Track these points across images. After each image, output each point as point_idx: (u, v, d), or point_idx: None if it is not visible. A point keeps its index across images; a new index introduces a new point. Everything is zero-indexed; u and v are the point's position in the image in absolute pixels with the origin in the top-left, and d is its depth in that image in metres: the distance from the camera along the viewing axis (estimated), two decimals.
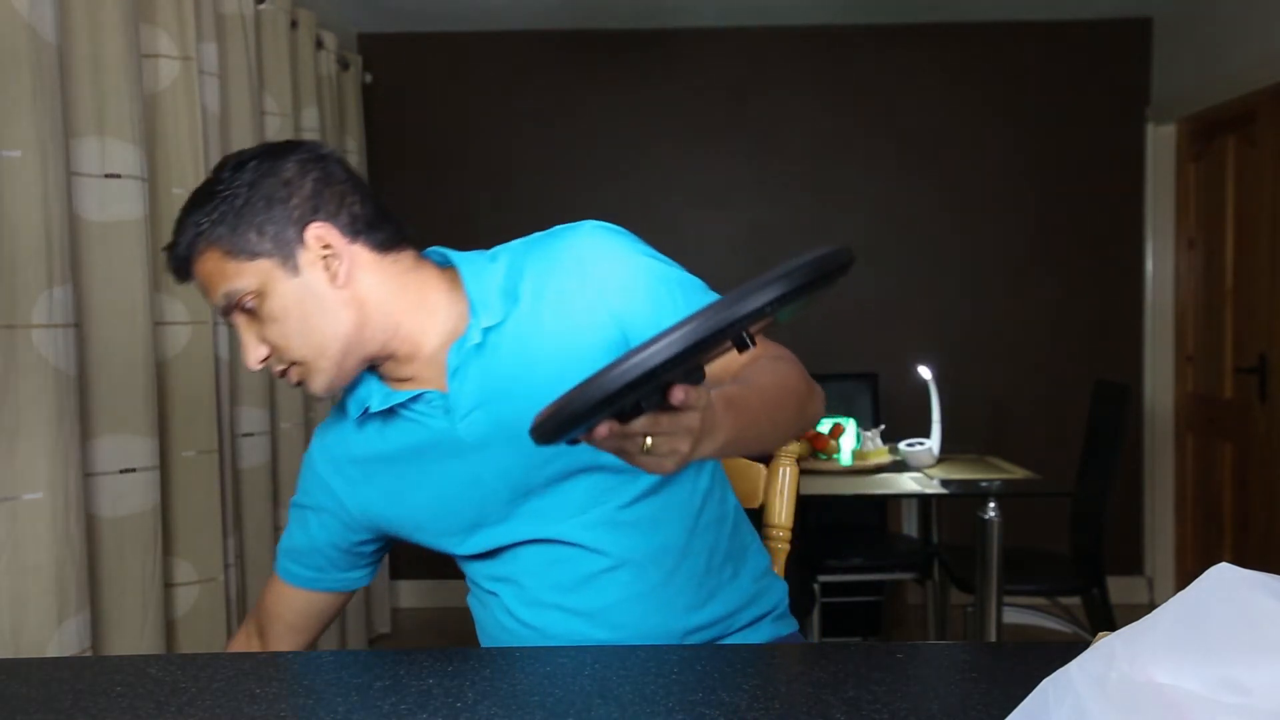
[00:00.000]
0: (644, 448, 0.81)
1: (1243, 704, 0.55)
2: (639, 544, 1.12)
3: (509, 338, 1.07)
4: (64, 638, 1.71)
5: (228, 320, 1.09)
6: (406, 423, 1.12)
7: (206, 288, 1.07)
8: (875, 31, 4.04)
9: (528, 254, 1.11)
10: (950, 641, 2.25)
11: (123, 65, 1.94)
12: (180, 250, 1.06)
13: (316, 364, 1.06)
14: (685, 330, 0.68)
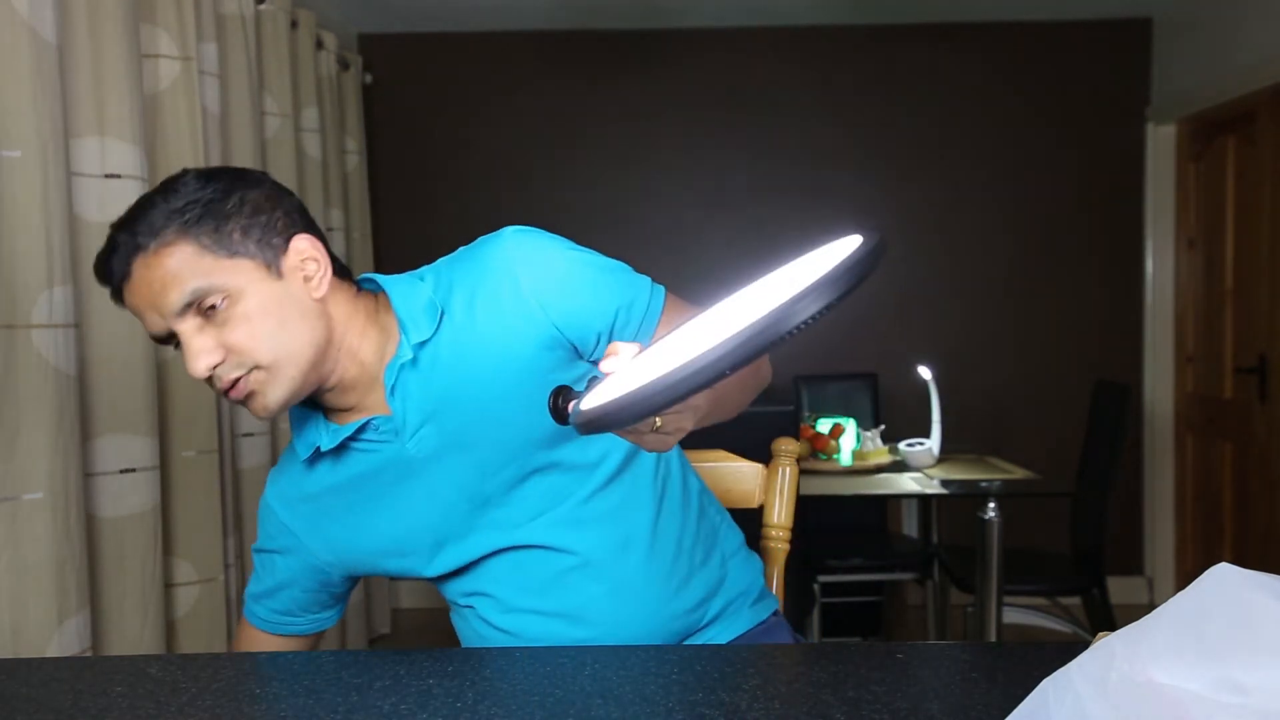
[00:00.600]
0: (655, 426, 0.82)
1: (1242, 704, 0.55)
2: (604, 538, 1.12)
3: (444, 350, 1.07)
4: (64, 638, 1.71)
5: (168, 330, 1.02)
6: (357, 454, 1.12)
7: (165, 283, 1.00)
8: (875, 31, 4.04)
9: (453, 268, 1.11)
10: (950, 641, 2.25)
11: (123, 65, 1.94)
12: (142, 237, 1.00)
13: (284, 371, 1.04)
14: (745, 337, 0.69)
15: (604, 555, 1.12)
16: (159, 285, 1.00)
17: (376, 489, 1.12)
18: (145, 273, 1.01)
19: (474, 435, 1.08)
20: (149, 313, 1.02)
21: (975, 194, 4.05)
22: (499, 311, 1.06)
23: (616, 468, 1.12)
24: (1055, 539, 3.34)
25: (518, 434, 1.07)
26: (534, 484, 1.10)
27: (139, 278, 1.02)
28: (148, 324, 1.04)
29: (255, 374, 1.03)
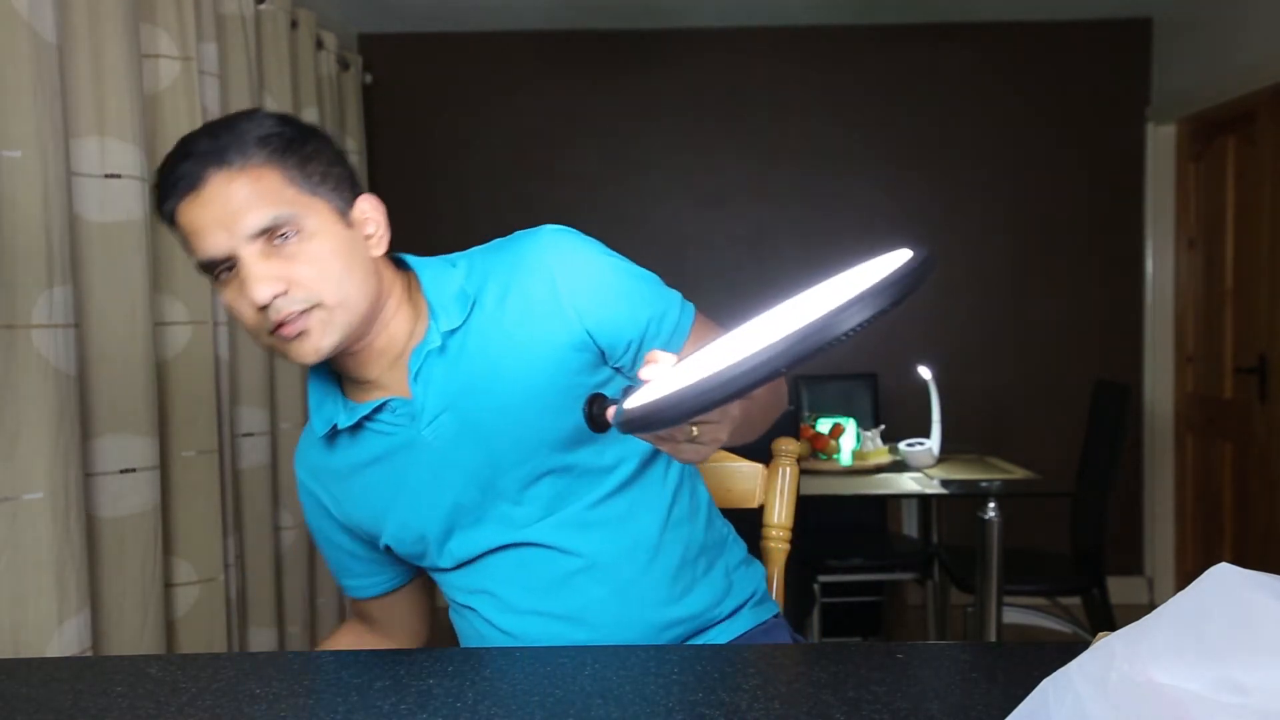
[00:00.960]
0: (692, 435, 0.83)
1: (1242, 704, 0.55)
2: (610, 542, 1.12)
3: (472, 341, 1.08)
4: (64, 638, 1.71)
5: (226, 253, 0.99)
6: (373, 434, 1.12)
7: (247, 204, 0.98)
8: (875, 31, 4.04)
9: (488, 258, 1.12)
10: (950, 641, 2.25)
11: (123, 65, 1.94)
12: (230, 154, 0.99)
13: (341, 315, 1.03)
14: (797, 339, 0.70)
15: (609, 559, 1.12)
16: (238, 204, 0.99)
17: (390, 471, 1.12)
18: (223, 189, 0.99)
19: (492, 429, 1.08)
20: (214, 230, 0.99)
21: (975, 194, 4.05)
22: (531, 309, 1.07)
23: (629, 475, 1.13)
24: (1055, 539, 3.34)
25: (536, 432, 1.08)
26: (546, 484, 1.10)
27: (214, 192, 0.99)
28: (206, 243, 0.99)
29: (315, 312, 1.02)
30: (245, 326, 1.04)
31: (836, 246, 4.02)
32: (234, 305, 1.03)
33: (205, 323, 2.29)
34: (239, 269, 1.00)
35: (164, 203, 1.02)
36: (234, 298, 1.02)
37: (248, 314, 1.02)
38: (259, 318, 1.01)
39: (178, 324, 2.24)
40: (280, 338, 1.02)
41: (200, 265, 1.02)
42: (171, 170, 1.01)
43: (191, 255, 1.03)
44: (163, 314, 2.20)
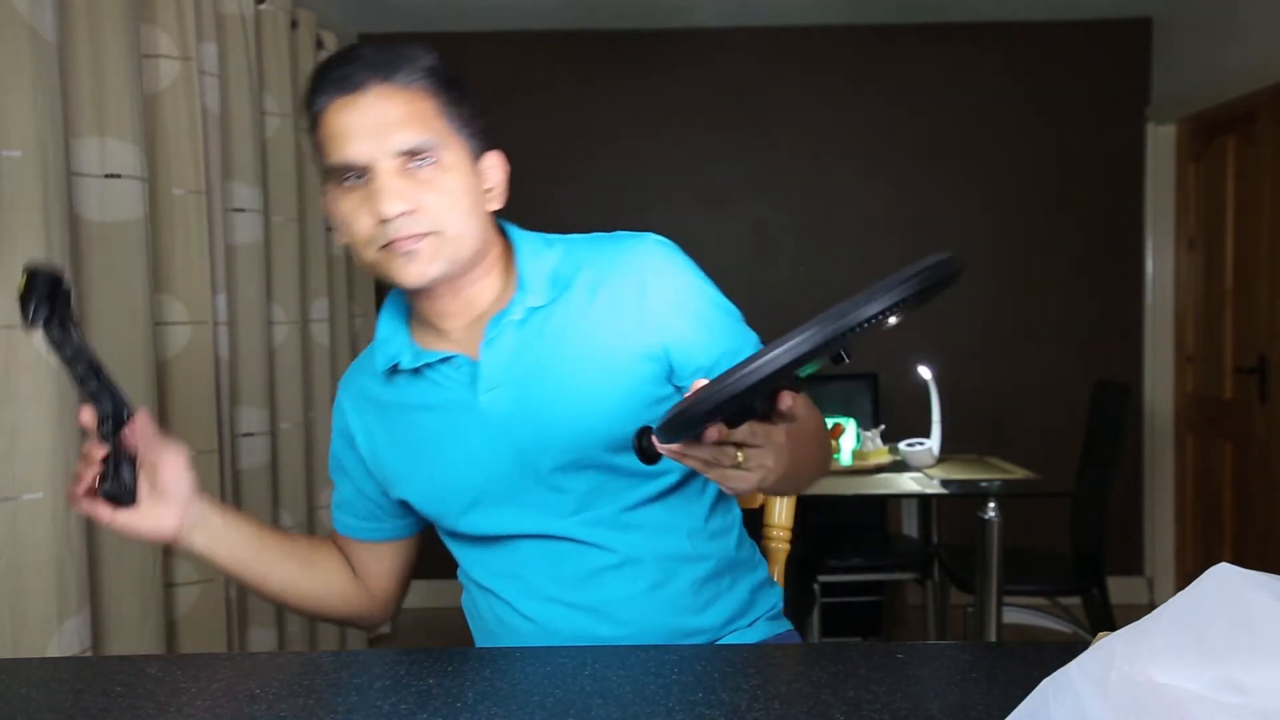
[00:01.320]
0: (736, 460, 0.84)
1: (1242, 704, 0.55)
2: (643, 544, 1.13)
3: (552, 323, 1.10)
4: (64, 638, 1.71)
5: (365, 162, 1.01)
6: (430, 383, 1.13)
7: (401, 120, 1.01)
8: (875, 31, 4.04)
9: (586, 249, 1.14)
10: (950, 641, 2.25)
11: (123, 65, 1.94)
12: (399, 70, 1.02)
13: (454, 249, 1.05)
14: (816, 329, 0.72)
15: (641, 559, 1.13)
16: (393, 119, 1.02)
17: (435, 424, 1.13)
18: (383, 101, 1.02)
19: (548, 413, 1.09)
20: (361, 137, 1.01)
21: (975, 193, 4.05)
22: (619, 309, 1.09)
23: (669, 486, 1.14)
24: (1055, 539, 3.34)
25: (591, 427, 1.08)
26: (586, 477, 1.11)
27: (374, 102, 1.02)
28: (350, 147, 1.02)
29: (431, 239, 1.04)
30: (355, 237, 1.05)
31: (836, 246, 4.02)
32: (350, 213, 1.04)
33: (205, 323, 2.29)
34: (372, 180, 1.02)
35: (316, 98, 1.04)
36: (353, 207, 1.04)
37: (364, 224, 1.03)
38: (375, 230, 1.03)
39: (178, 324, 2.24)
40: (392, 251, 1.03)
41: (329, 168, 1.04)
42: (332, 69, 1.03)
43: (323, 157, 1.05)
44: (163, 314, 2.20)
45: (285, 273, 2.93)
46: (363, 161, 1.02)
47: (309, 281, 3.14)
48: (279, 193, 2.91)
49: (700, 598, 1.15)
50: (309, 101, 1.06)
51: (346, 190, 1.04)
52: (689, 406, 0.77)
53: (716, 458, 0.84)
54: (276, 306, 2.89)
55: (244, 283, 2.64)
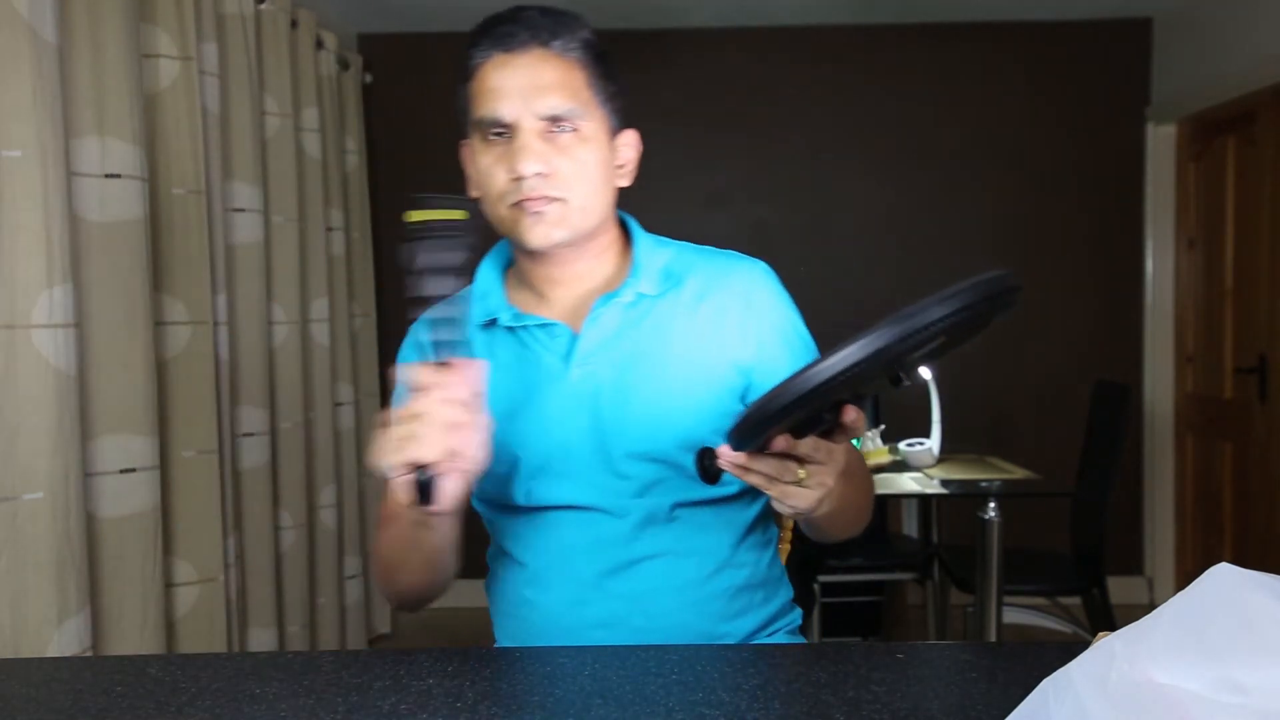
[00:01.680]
0: (799, 477, 0.87)
1: (1242, 704, 0.55)
2: (685, 541, 1.14)
3: (655, 314, 1.13)
4: (64, 638, 1.71)
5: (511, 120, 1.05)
6: (522, 345, 1.15)
7: (553, 85, 1.05)
8: (875, 31, 4.04)
9: (697, 256, 1.19)
10: (950, 641, 2.25)
11: (123, 65, 1.94)
12: (560, 37, 1.06)
13: (574, 217, 1.09)
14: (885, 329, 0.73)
15: (679, 554, 1.14)
16: (545, 83, 1.06)
17: (519, 386, 1.14)
18: (539, 64, 1.06)
19: (635, 400, 1.11)
20: (512, 96, 1.05)
21: (975, 193, 4.05)
22: (721, 320, 1.14)
23: (726, 494, 1.16)
24: (1055, 539, 3.34)
25: (671, 421, 1.10)
26: (652, 469, 1.12)
27: (530, 64, 1.06)
28: (500, 104, 1.06)
29: (558, 205, 1.07)
30: (490, 190, 1.09)
31: (836, 246, 4.02)
32: (489, 167, 1.08)
33: (205, 323, 2.29)
34: (515, 139, 1.06)
35: (476, 51, 1.09)
36: (492, 161, 1.08)
37: (500, 179, 1.07)
38: (509, 186, 1.07)
39: (178, 324, 2.24)
40: (522, 209, 1.07)
41: (476, 120, 1.09)
42: (496, 27, 1.08)
43: (473, 109, 1.09)
44: (163, 314, 2.20)
45: (285, 273, 2.93)
46: (509, 119, 1.06)
47: (309, 281, 3.14)
48: (279, 193, 2.91)
49: (733, 605, 1.16)
50: (468, 54, 1.09)
51: (489, 144, 1.08)
52: (760, 407, 0.78)
53: (779, 472, 0.87)
54: (276, 306, 2.89)
55: (244, 283, 2.64)
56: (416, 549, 1.07)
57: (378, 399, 3.82)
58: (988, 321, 0.82)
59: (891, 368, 0.81)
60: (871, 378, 0.80)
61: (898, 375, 0.85)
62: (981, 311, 0.77)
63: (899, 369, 0.84)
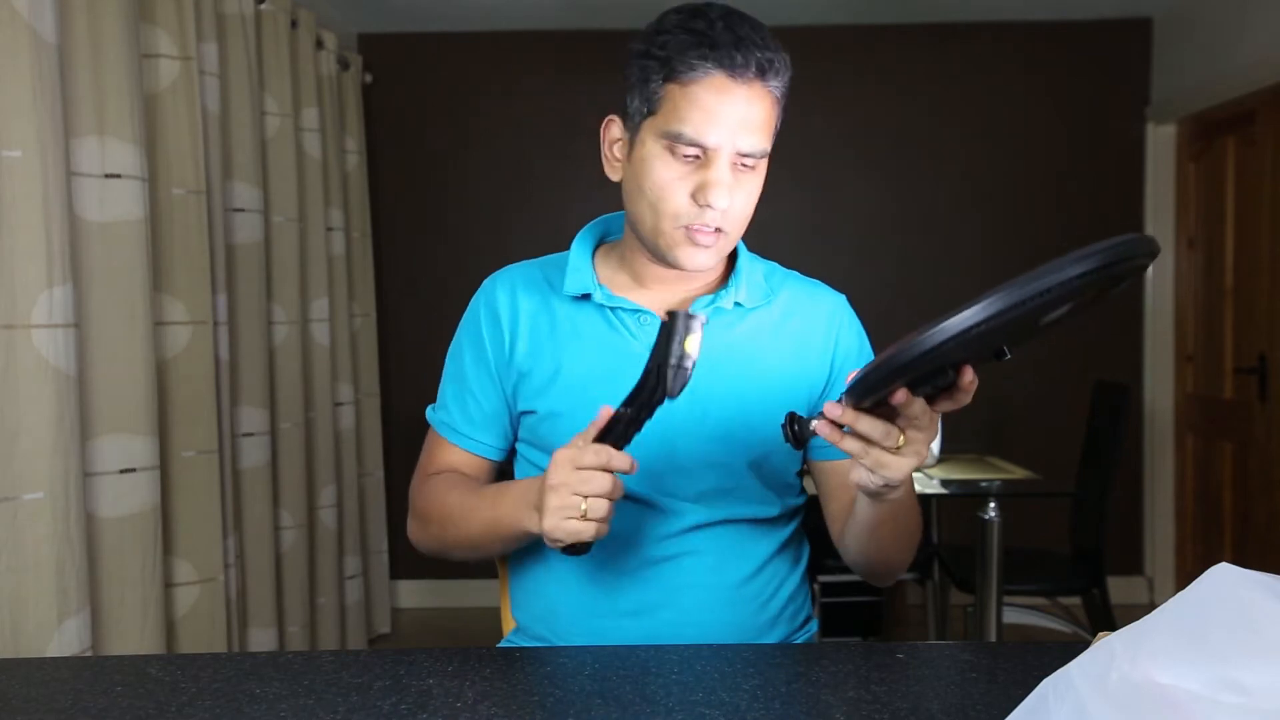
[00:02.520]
0: (899, 443, 0.88)
1: (1243, 704, 0.55)
2: (725, 546, 1.16)
3: (746, 323, 1.16)
4: (64, 638, 1.71)
5: (708, 146, 1.03)
6: (609, 325, 1.16)
7: (760, 123, 1.05)
8: (875, 31, 4.04)
9: (787, 278, 1.23)
10: (950, 641, 2.25)
11: (123, 65, 1.94)
12: (775, 75, 1.05)
13: (726, 247, 1.11)
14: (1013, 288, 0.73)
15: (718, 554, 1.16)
16: (756, 118, 1.04)
17: (602, 363, 1.14)
18: (757, 101, 1.04)
19: (712, 401, 1.13)
20: (724, 125, 1.02)
21: (975, 194, 4.05)
22: (806, 341, 1.18)
23: (770, 516, 1.18)
24: (1055, 539, 3.34)
25: (743, 428, 1.12)
26: (713, 474, 1.14)
27: (750, 97, 1.03)
28: (710, 129, 1.02)
29: (722, 236, 1.09)
30: (664, 206, 1.06)
31: (836, 246, 4.02)
32: (670, 183, 1.05)
33: (205, 323, 2.29)
34: (711, 167, 1.04)
35: (697, 60, 1.02)
36: (675, 178, 1.05)
37: (681, 199, 1.05)
38: (690, 210, 1.05)
39: (178, 324, 2.24)
40: (692, 237, 1.06)
41: (673, 133, 1.03)
42: (720, 43, 1.02)
43: (671, 120, 1.03)
44: (163, 314, 2.20)
45: (285, 273, 2.93)
46: (711, 146, 1.03)
47: (309, 281, 3.14)
48: (279, 193, 2.91)
49: (762, 615, 1.18)
50: (679, 56, 1.03)
51: (676, 159, 1.05)
52: (892, 357, 0.77)
53: (883, 436, 0.87)
54: (276, 306, 2.89)
55: (244, 283, 2.64)
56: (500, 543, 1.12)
57: (378, 399, 3.83)
58: (1116, 285, 0.81)
59: (1009, 335, 0.80)
60: (992, 340, 0.80)
61: (1002, 348, 0.84)
62: (1115, 274, 0.75)
63: (1020, 335, 0.83)
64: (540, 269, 1.22)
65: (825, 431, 0.89)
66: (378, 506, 3.82)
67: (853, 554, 1.15)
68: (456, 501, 1.14)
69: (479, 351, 1.20)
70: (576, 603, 1.17)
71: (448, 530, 1.15)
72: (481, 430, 1.21)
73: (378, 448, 3.80)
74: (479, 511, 1.11)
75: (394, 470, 4.02)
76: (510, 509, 1.06)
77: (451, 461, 1.22)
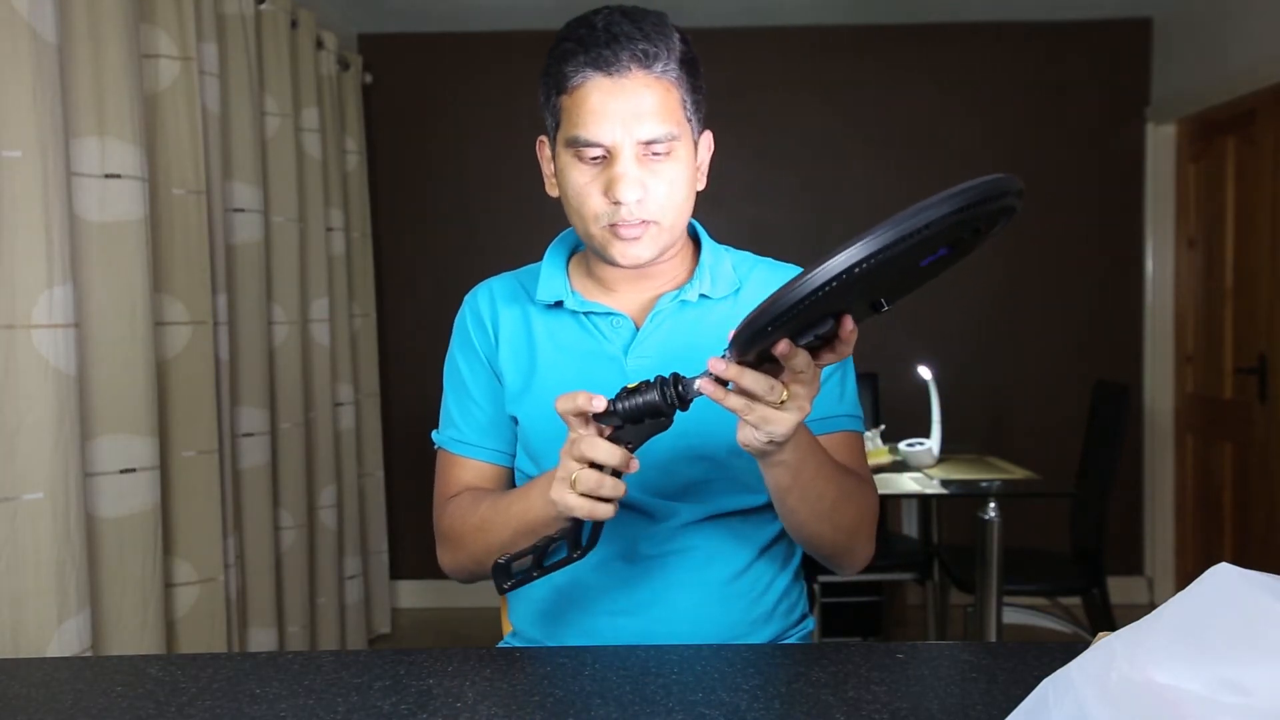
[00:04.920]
0: (782, 397, 0.87)
1: (1243, 704, 0.55)
2: (715, 543, 1.16)
3: (713, 315, 1.16)
4: (64, 638, 1.71)
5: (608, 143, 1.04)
6: (583, 329, 1.17)
7: (652, 109, 1.04)
8: (875, 31, 4.04)
9: (754, 265, 1.22)
10: (950, 641, 2.25)
11: (123, 65, 1.94)
12: (660, 59, 1.04)
13: (663, 237, 1.10)
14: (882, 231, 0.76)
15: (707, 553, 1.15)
16: (646, 107, 1.04)
17: (576, 367, 1.15)
18: (641, 90, 1.05)
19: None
20: (613, 121, 1.04)
21: None
22: None
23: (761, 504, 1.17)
24: (1055, 539, 3.34)
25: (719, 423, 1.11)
26: (699, 468, 1.14)
27: (632, 89, 1.04)
28: (600, 128, 1.04)
29: (650, 227, 1.09)
30: (584, 210, 1.09)
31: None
32: (583, 187, 1.07)
33: (205, 323, 2.29)
34: (614, 164, 1.05)
35: (574, 70, 1.05)
36: (586, 181, 1.07)
37: (595, 201, 1.07)
38: (606, 209, 1.07)
39: (178, 324, 2.24)
40: (617, 234, 1.08)
41: (572, 139, 1.06)
42: (594, 45, 1.04)
43: (568, 127, 1.06)
44: (163, 314, 2.20)
45: (285, 273, 2.93)
46: (610, 144, 1.05)
47: (309, 281, 3.14)
48: (279, 193, 2.91)
49: (753, 611, 1.18)
50: (560, 69, 1.06)
51: (583, 164, 1.07)
52: (770, 305, 0.78)
53: (766, 391, 0.87)
54: (276, 306, 2.89)
55: (244, 283, 2.64)
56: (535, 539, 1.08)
57: (378, 399, 3.83)
58: (991, 228, 0.83)
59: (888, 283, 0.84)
60: (872, 285, 0.82)
61: (879, 300, 0.87)
62: (988, 212, 0.77)
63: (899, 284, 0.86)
64: (516, 279, 1.24)
65: (709, 390, 0.88)
66: (378, 507, 3.82)
67: (789, 531, 1.12)
68: (485, 510, 1.13)
69: (473, 357, 1.21)
70: (568, 603, 1.17)
71: (479, 542, 1.12)
72: (491, 437, 1.21)
73: (378, 448, 3.80)
74: (509, 510, 1.09)
75: (394, 470, 4.02)
76: (539, 493, 1.03)
77: (467, 480, 1.21)
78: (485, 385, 1.21)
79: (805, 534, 1.10)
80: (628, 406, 0.92)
